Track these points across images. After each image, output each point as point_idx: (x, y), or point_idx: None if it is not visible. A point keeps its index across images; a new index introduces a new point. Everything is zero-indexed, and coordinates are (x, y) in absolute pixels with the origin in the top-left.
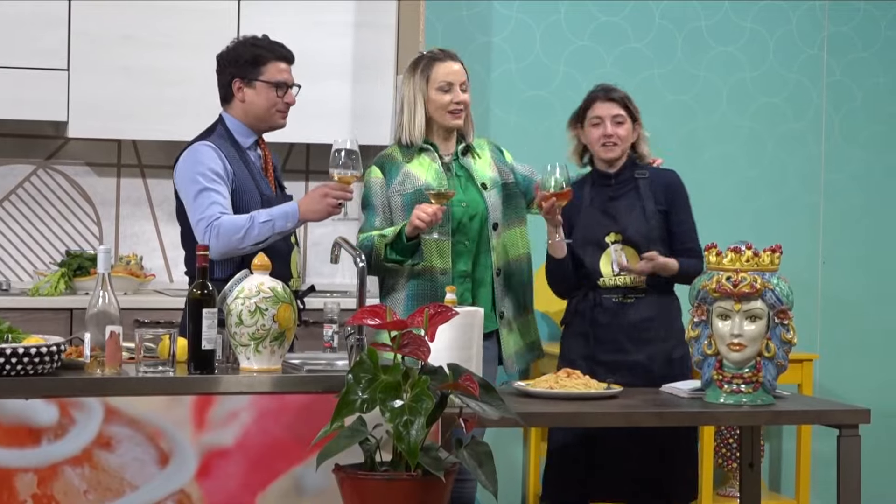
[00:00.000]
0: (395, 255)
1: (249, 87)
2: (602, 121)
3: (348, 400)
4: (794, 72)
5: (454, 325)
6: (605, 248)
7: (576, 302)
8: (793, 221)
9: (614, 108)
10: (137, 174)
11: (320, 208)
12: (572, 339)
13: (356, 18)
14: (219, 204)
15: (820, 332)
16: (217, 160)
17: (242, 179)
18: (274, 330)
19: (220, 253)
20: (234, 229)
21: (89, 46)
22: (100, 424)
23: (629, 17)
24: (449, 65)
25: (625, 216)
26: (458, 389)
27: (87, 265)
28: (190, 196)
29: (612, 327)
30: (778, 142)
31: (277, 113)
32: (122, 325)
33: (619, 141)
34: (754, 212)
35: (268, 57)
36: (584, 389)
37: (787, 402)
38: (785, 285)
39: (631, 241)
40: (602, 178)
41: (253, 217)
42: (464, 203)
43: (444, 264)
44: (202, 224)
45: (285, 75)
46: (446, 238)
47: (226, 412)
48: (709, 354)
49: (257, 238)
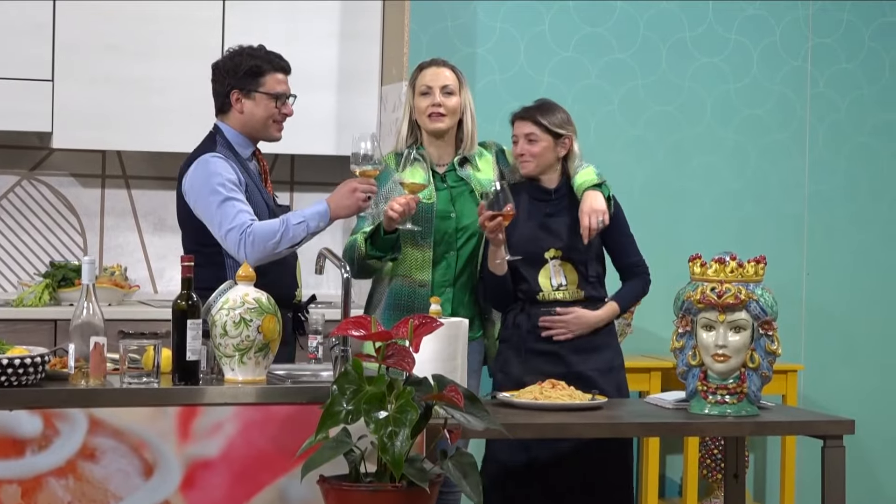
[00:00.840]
0: (374, 251)
1: (248, 99)
2: (518, 139)
3: (333, 411)
4: (778, 83)
5: (439, 335)
6: (543, 263)
7: (513, 316)
8: (777, 232)
9: (526, 126)
10: (122, 185)
11: (350, 203)
12: (511, 354)
13: (341, 28)
14: (246, 212)
15: (804, 343)
16: (230, 170)
17: (251, 190)
18: (258, 341)
19: (256, 259)
20: (268, 235)
21: (74, 56)
22: (84, 436)
23: (614, 28)
24: (432, 70)
25: (563, 232)
26: (442, 400)
27: (71, 276)
28: (212, 208)
29: (551, 341)
30: (762, 153)
31: (274, 124)
32: (106, 336)
33: (532, 158)
34: (738, 222)
35: (267, 68)
36: (568, 400)
37: (771, 412)
38: (769, 296)
39: (570, 257)
40: (539, 193)
41: (286, 220)
42: (452, 214)
43: (424, 276)
44: (234, 233)
45: (284, 86)
46: (419, 229)
47: (210, 423)
48: (693, 365)
49: (292, 241)
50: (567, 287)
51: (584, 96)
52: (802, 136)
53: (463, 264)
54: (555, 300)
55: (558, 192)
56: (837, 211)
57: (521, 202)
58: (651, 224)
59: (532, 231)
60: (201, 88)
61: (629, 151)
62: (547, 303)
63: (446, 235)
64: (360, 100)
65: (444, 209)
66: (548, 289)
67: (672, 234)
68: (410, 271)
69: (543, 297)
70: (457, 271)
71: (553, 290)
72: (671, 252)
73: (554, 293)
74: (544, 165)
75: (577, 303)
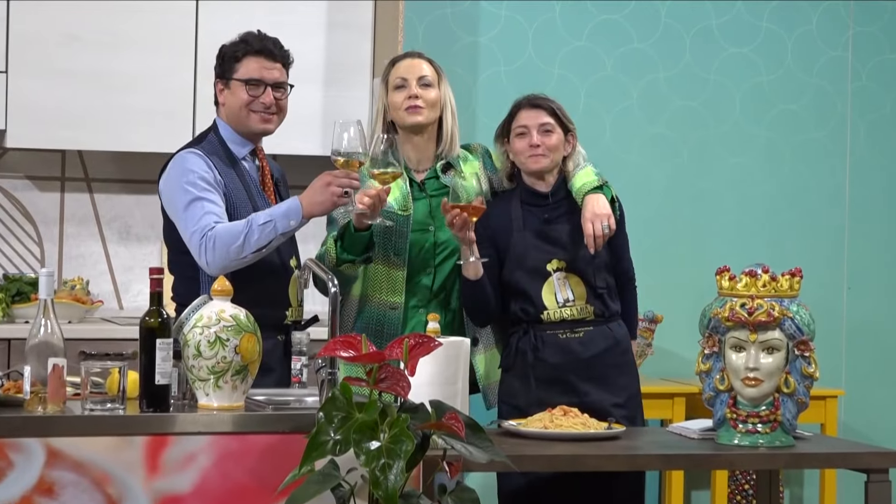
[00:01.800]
0: (344, 255)
1: (227, 88)
2: (528, 130)
3: (319, 441)
4: (814, 75)
5: (437, 357)
6: (546, 276)
7: (515, 340)
8: (814, 242)
9: (541, 115)
10: (84, 189)
11: (324, 199)
12: (516, 383)
13: (328, 18)
14: (213, 213)
15: (845, 366)
16: (206, 168)
17: (235, 193)
18: (236, 363)
19: (220, 266)
20: (231, 237)
21: (30, 47)
22: (41, 468)
23: (632, 15)
24: (406, 62)
25: (566, 241)
26: (441, 429)
27: (27, 290)
28: (180, 208)
29: (561, 367)
30: (797, 153)
31: (253, 114)
32: (66, 357)
33: (548, 151)
34: (771, 231)
35: (242, 53)
36: (581, 429)
37: (808, 443)
38: (806, 313)
39: (576, 269)
40: (533, 198)
41: (251, 220)
42: (430, 227)
43: (396, 298)
44: (196, 237)
45: (262, 72)
46: (389, 223)
47: (182, 455)
48: (721, 390)
49: (258, 243)
50: (575, 303)
51: (598, 90)
52: (842, 135)
53: (440, 284)
54: (562, 319)
55: (555, 196)
56: (881, 218)
57: (512, 210)
58: (674, 233)
59: (529, 241)
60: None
61: (649, 152)
62: (553, 323)
63: (423, 251)
64: (350, 94)
65: (421, 221)
66: (553, 306)
67: (697, 243)
68: (381, 292)
69: (549, 316)
70: (433, 291)
71: (559, 306)
72: (696, 264)
73: (560, 311)
74: (556, 162)
75: (587, 321)
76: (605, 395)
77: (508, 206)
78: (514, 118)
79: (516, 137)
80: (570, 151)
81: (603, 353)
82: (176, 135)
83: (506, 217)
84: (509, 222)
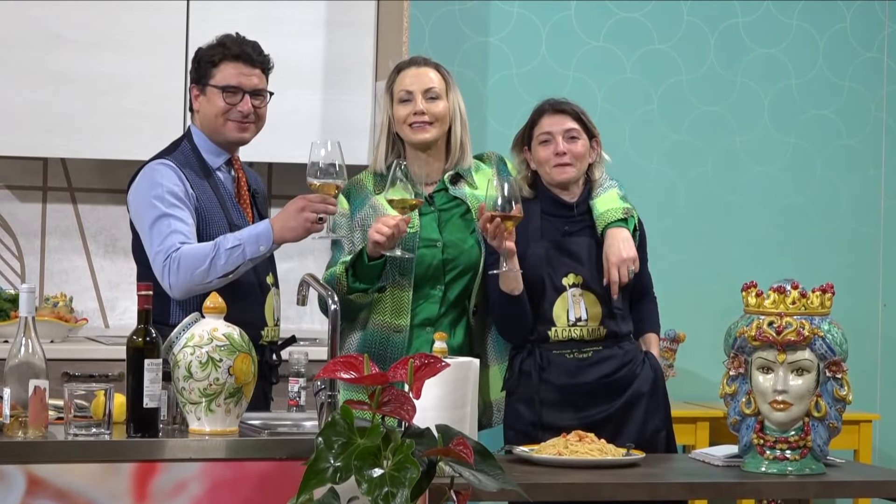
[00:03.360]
0: (357, 284)
1: (202, 94)
2: (552, 137)
3: (318, 468)
4: (848, 78)
5: (444, 379)
6: (560, 291)
7: (519, 362)
8: (847, 256)
9: (566, 120)
10: (67, 199)
11: (297, 224)
12: (522, 408)
13: (328, 16)
14: (179, 233)
15: (880, 388)
16: (177, 181)
17: (208, 207)
18: (229, 385)
19: (184, 290)
20: (196, 261)
21: (9, 47)
22: (21, 497)
23: (652, 13)
24: (411, 71)
25: (584, 257)
26: (448, 456)
27: (6, 307)
28: (146, 225)
29: (568, 389)
30: (829, 161)
31: (229, 123)
32: (48, 378)
33: (574, 160)
34: (801, 244)
35: (219, 57)
36: (599, 456)
37: (840, 471)
38: (838, 332)
39: (591, 287)
40: (556, 208)
41: (218, 244)
42: (438, 243)
43: (401, 321)
44: (160, 258)
45: (239, 78)
46: (411, 256)
47: (172, 483)
48: (748, 415)
49: (225, 268)
50: (587, 324)
51: (617, 94)
52: (877, 142)
53: (450, 304)
54: (569, 338)
55: (580, 208)
56: None
57: (531, 219)
58: (697, 246)
59: (545, 252)
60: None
61: (671, 159)
62: (560, 342)
63: (430, 269)
64: (351, 98)
65: (429, 237)
66: (563, 322)
67: (722, 257)
68: (384, 314)
69: (556, 333)
70: (441, 310)
71: (569, 324)
72: (721, 279)
73: (570, 329)
74: (583, 171)
75: (597, 342)
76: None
77: (527, 215)
78: (537, 125)
79: (540, 145)
80: (596, 158)
81: (613, 374)
82: (165, 142)
83: (523, 225)
84: (526, 231)
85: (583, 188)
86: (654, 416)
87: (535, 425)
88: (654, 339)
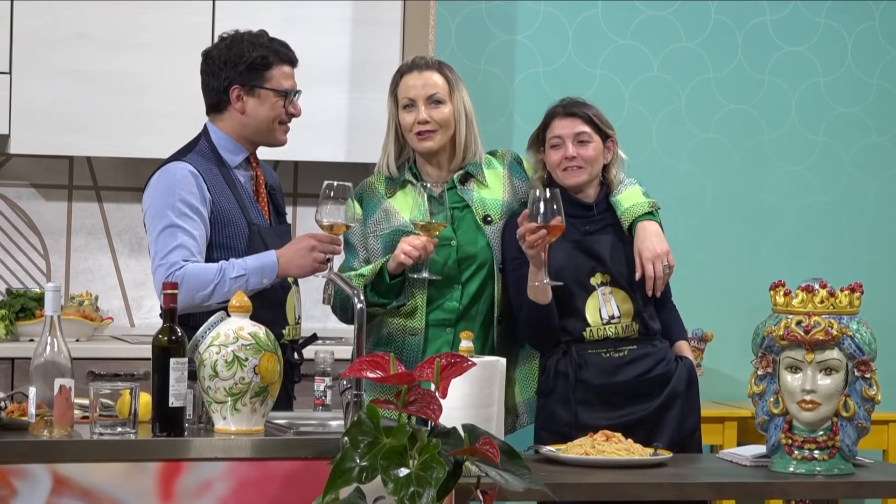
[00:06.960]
0: (376, 298)
1: (251, 96)
2: (563, 141)
3: (344, 468)
4: (877, 76)
5: (471, 378)
6: (590, 291)
7: (554, 362)
8: (876, 255)
9: (577, 124)
10: (92, 198)
11: (304, 263)
12: (558, 409)
13: (354, 14)
14: (185, 248)
15: None
16: (194, 187)
17: (226, 207)
18: (255, 384)
19: (180, 309)
20: (199, 284)
21: (35, 46)
22: (47, 496)
23: (679, 11)
24: (413, 76)
25: (607, 255)
26: (475, 455)
27: (31, 306)
28: (154, 231)
29: (605, 388)
30: (858, 160)
31: (281, 126)
32: (73, 377)
33: (584, 163)
34: (829, 243)
35: (274, 60)
36: (626, 456)
37: (869, 471)
38: (867, 331)
39: (621, 284)
40: (575, 208)
41: (224, 271)
42: (452, 242)
43: (416, 323)
44: (160, 271)
45: (292, 81)
46: (437, 278)
47: (197, 482)
48: (776, 414)
49: (227, 296)
50: (620, 320)
51: (644, 92)
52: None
53: (468, 302)
54: (605, 337)
55: (599, 208)
56: None
57: None
58: (724, 245)
59: (570, 253)
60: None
61: (698, 158)
62: (595, 342)
63: (446, 268)
64: (377, 97)
65: (442, 236)
66: (597, 322)
67: (750, 257)
68: (398, 316)
69: (591, 333)
70: (460, 311)
71: (603, 323)
72: (749, 279)
73: (604, 328)
74: (595, 174)
75: (632, 340)
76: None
77: None
78: (548, 128)
79: (551, 149)
80: (611, 158)
81: (649, 371)
82: None
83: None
84: None
85: (599, 188)
86: (689, 417)
87: (571, 426)
88: (685, 345)
